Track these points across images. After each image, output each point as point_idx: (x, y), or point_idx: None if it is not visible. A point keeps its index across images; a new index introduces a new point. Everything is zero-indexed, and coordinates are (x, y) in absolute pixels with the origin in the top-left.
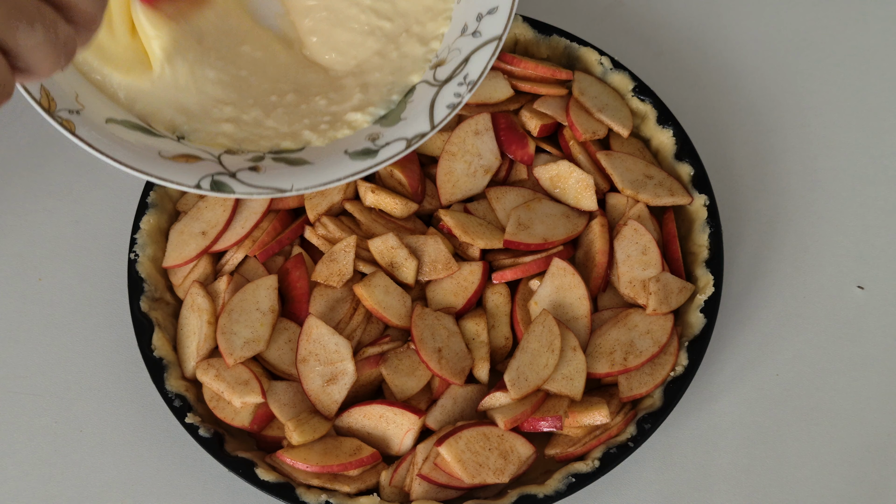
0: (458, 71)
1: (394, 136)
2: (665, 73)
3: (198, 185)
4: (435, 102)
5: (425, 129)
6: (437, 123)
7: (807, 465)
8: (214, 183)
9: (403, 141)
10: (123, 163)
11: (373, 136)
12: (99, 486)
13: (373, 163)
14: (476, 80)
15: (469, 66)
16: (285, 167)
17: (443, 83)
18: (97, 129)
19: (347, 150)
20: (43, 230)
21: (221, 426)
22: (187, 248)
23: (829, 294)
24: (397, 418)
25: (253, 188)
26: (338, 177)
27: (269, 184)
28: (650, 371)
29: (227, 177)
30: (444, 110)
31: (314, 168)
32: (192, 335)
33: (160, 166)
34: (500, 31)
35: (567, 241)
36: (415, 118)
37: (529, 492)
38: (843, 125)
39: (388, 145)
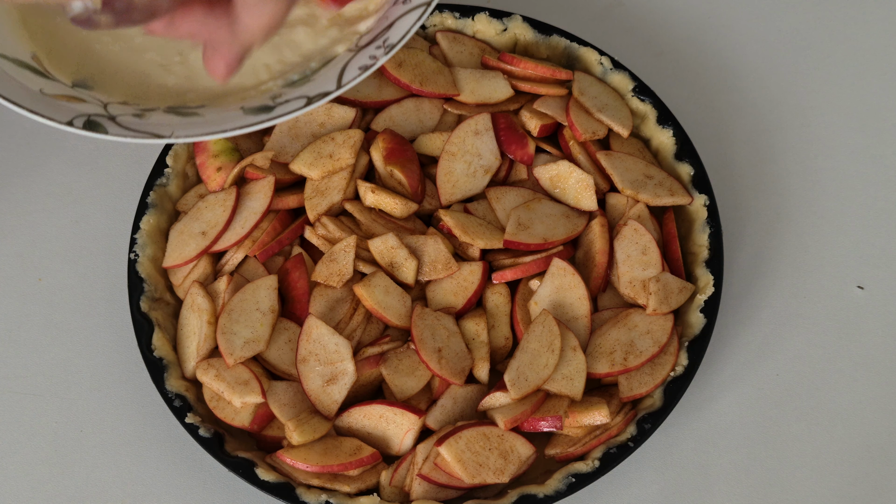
0: (380, 36)
1: (295, 95)
2: (665, 73)
3: (70, 122)
4: (348, 65)
5: (331, 88)
6: (345, 84)
7: (807, 465)
8: (89, 122)
9: (304, 98)
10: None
11: (274, 96)
12: (99, 486)
13: (266, 117)
14: (395, 44)
15: (392, 30)
16: (174, 118)
17: (362, 48)
18: None
19: (244, 106)
20: (43, 230)
21: (221, 426)
22: (187, 248)
23: (829, 294)
24: (397, 418)
25: (128, 131)
26: (224, 128)
27: (148, 129)
28: (650, 371)
29: (105, 119)
30: (354, 71)
31: (203, 120)
32: (192, 335)
33: (36, 101)
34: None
35: (567, 241)
36: (322, 79)
37: (529, 492)
38: (843, 125)
39: (286, 103)
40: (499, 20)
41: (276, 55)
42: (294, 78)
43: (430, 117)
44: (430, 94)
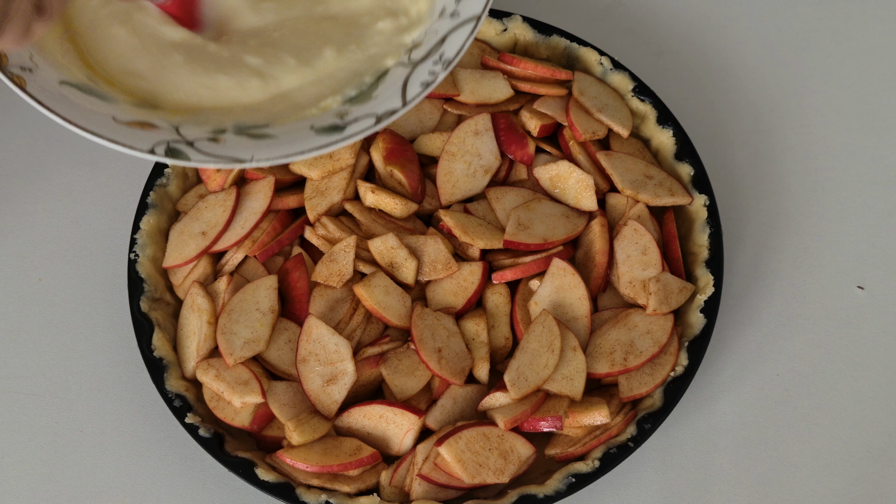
0: (434, 51)
1: (363, 113)
2: (665, 73)
3: (152, 150)
4: (408, 81)
5: (397, 105)
6: (410, 100)
7: (807, 465)
8: (170, 150)
9: (373, 117)
10: (75, 123)
11: (341, 114)
12: (99, 486)
13: (339, 137)
14: (452, 59)
15: (445, 45)
16: (247, 140)
17: (417, 63)
18: (49, 88)
19: (313, 125)
20: (43, 230)
21: (221, 426)
22: (187, 249)
23: (829, 294)
24: (397, 418)
25: (210, 157)
26: (301, 150)
27: (228, 153)
28: (650, 371)
29: (184, 145)
30: (417, 88)
31: (277, 142)
32: (192, 335)
33: (113, 130)
34: (479, 10)
35: (567, 241)
36: (386, 96)
37: (529, 492)
38: (843, 125)
39: (356, 121)
40: (499, 20)
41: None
42: (351, 94)
43: (430, 117)
44: (430, 94)
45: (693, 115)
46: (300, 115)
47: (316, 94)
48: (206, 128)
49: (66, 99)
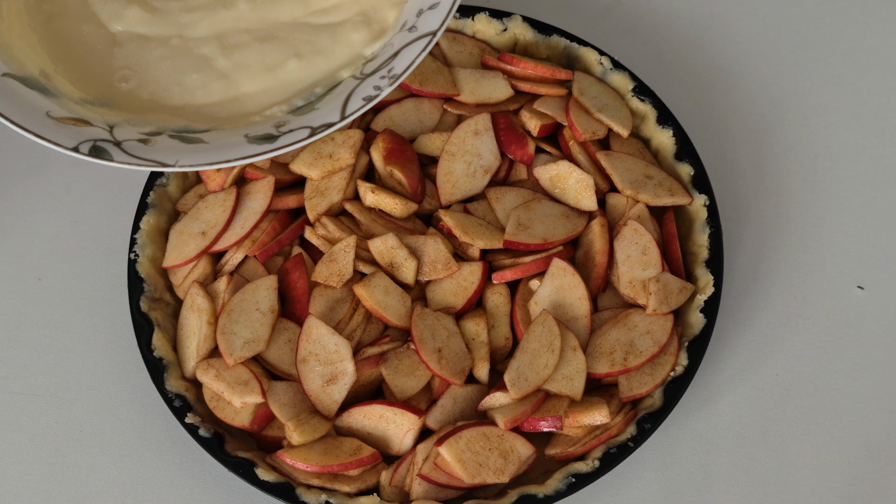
0: (385, 65)
1: (299, 125)
2: (665, 73)
3: (76, 148)
4: (352, 94)
5: (334, 119)
6: (348, 115)
7: (806, 465)
8: (94, 148)
9: (307, 129)
10: (9, 118)
11: (279, 124)
12: (99, 486)
13: (269, 147)
14: (400, 75)
15: (396, 60)
16: (178, 144)
17: (367, 76)
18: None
19: (248, 134)
20: (43, 230)
21: (221, 426)
22: (187, 249)
23: (829, 294)
24: (397, 418)
25: (134, 159)
26: (227, 158)
27: (154, 157)
28: (650, 371)
29: (111, 145)
30: (358, 102)
31: (207, 148)
32: (191, 335)
33: (43, 125)
34: (436, 26)
35: (567, 241)
36: (327, 109)
37: (529, 492)
38: (843, 125)
39: (290, 132)
40: (499, 20)
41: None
42: (299, 104)
43: (430, 117)
44: (430, 94)
45: (693, 115)
46: (243, 122)
47: (266, 103)
48: (145, 129)
49: (4, 91)
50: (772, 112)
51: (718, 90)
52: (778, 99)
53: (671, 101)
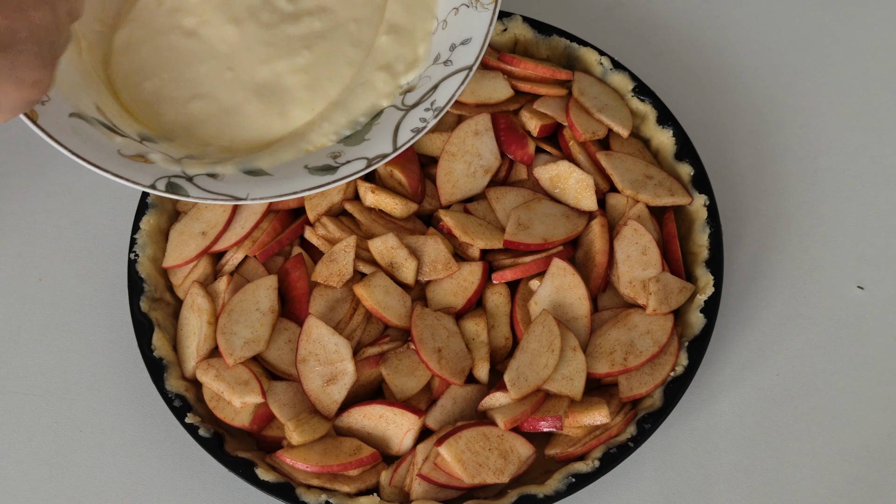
0: (427, 97)
1: (355, 156)
2: (665, 73)
3: (153, 185)
4: (400, 125)
5: (387, 150)
6: (400, 146)
7: (807, 465)
8: (170, 185)
9: (364, 160)
10: (81, 156)
11: (335, 154)
12: (99, 486)
13: (331, 179)
14: (443, 108)
15: (437, 93)
16: (244, 177)
17: (410, 108)
18: (59, 121)
19: (308, 164)
20: (43, 230)
21: (221, 426)
22: (187, 249)
23: (829, 294)
24: (397, 418)
25: (208, 193)
26: (294, 190)
27: (226, 191)
28: (650, 371)
29: (184, 180)
30: (407, 133)
31: (273, 180)
32: (192, 335)
33: (118, 164)
34: (472, 61)
35: (567, 241)
36: (378, 139)
37: (529, 492)
38: (843, 125)
39: (348, 163)
40: (499, 20)
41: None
42: (346, 133)
43: None
44: None
45: (693, 115)
46: (297, 152)
47: (316, 133)
48: (206, 162)
49: (75, 131)
50: (772, 112)
51: (718, 90)
52: (778, 99)
53: (671, 101)
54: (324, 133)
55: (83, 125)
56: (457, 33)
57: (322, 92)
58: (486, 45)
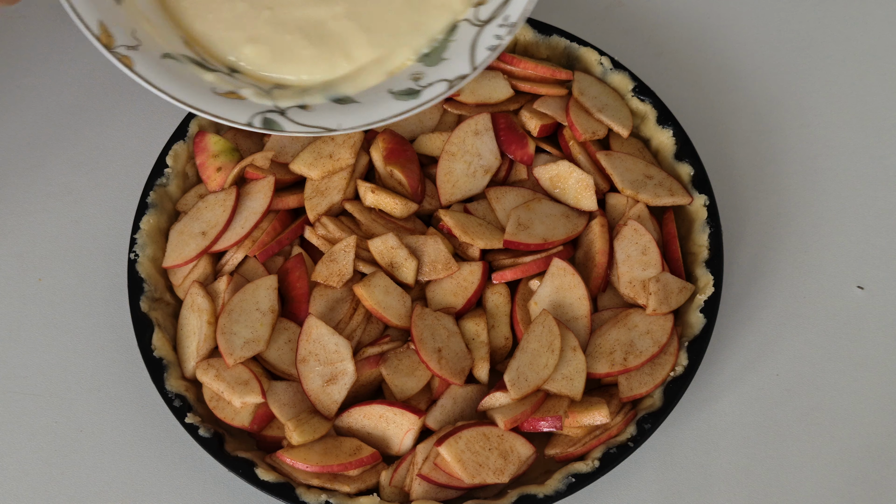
0: (499, 11)
1: (436, 77)
2: (665, 73)
3: (249, 122)
4: (476, 43)
5: (466, 70)
6: (478, 65)
7: (807, 465)
8: (266, 120)
9: (445, 82)
10: (179, 99)
11: (416, 76)
12: (99, 486)
13: (416, 103)
14: (516, 22)
15: (510, 7)
16: (332, 105)
17: (484, 23)
18: (154, 64)
19: (391, 89)
20: (43, 230)
21: (221, 426)
22: (187, 249)
23: (829, 294)
24: (397, 418)
25: (301, 126)
26: (383, 117)
27: (317, 122)
28: (650, 371)
29: (278, 115)
30: (484, 52)
31: (360, 107)
32: (192, 335)
33: (214, 102)
34: None
35: (567, 241)
36: (456, 58)
37: (529, 492)
38: (843, 125)
39: (430, 86)
40: None
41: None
42: (425, 51)
43: (430, 117)
44: None
45: (693, 115)
46: (379, 76)
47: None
48: (295, 91)
49: (169, 73)
50: (772, 112)
51: (718, 90)
52: (778, 99)
53: (671, 101)
54: (403, 54)
55: (175, 66)
56: None
57: (381, 31)
58: None
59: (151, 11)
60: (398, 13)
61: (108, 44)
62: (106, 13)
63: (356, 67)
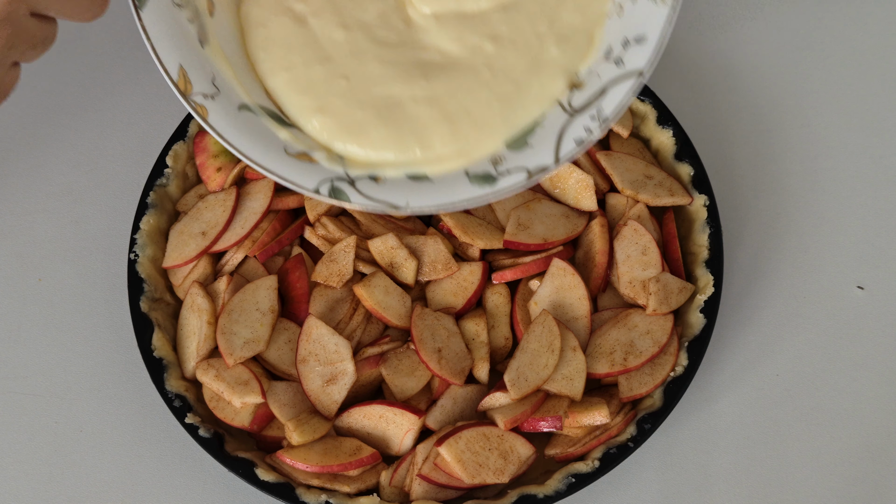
0: (593, 102)
1: (516, 164)
2: (665, 73)
3: (316, 189)
4: (564, 133)
5: (548, 162)
6: (562, 158)
7: (807, 465)
8: (333, 189)
9: (525, 172)
10: (251, 158)
11: (496, 160)
12: (99, 486)
13: (490, 191)
14: (609, 118)
15: (605, 99)
16: (405, 181)
17: (576, 112)
18: (230, 117)
19: (468, 170)
20: (43, 230)
21: (221, 426)
22: (187, 249)
23: (829, 294)
24: (397, 418)
25: (368, 201)
26: (453, 201)
27: (386, 198)
28: (650, 371)
29: (347, 184)
30: (570, 144)
31: (432, 187)
32: (192, 335)
33: (285, 164)
34: (643, 65)
35: (567, 241)
36: (540, 147)
37: (529, 492)
38: (843, 125)
39: (509, 174)
40: None
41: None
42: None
43: None
44: None
45: (693, 115)
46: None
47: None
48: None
49: (243, 127)
50: (772, 112)
51: (718, 90)
52: (778, 99)
53: (671, 102)
54: (487, 147)
55: (251, 119)
56: (632, 26)
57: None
58: (662, 49)
59: (236, 56)
60: (488, 105)
61: (186, 90)
62: (188, 56)
63: (432, 156)
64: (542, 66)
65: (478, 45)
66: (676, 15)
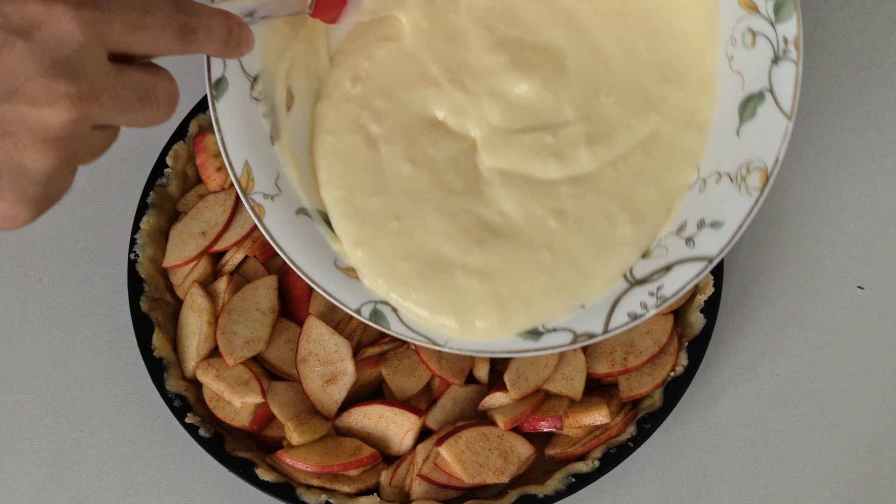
0: (655, 277)
1: (563, 324)
2: None
3: (358, 310)
4: (618, 303)
5: (597, 330)
6: (611, 329)
7: (807, 465)
8: (375, 312)
9: (570, 335)
10: (300, 267)
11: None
12: (99, 486)
13: (531, 347)
14: (668, 298)
15: (668, 277)
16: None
17: (635, 283)
18: (286, 221)
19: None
20: (43, 230)
21: (221, 426)
22: (187, 249)
23: (829, 294)
24: (397, 418)
25: (409, 332)
26: (494, 349)
27: (427, 333)
28: (650, 371)
29: (390, 310)
30: (623, 317)
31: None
32: (192, 335)
33: (332, 279)
34: (715, 252)
35: None
36: (592, 311)
37: (529, 492)
38: (843, 125)
39: (554, 332)
40: None
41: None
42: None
43: None
44: None
45: None
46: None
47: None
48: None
49: (297, 234)
50: None
51: None
52: None
53: None
54: (533, 322)
55: (307, 225)
56: (711, 208)
57: (516, 306)
58: (736, 239)
59: (303, 152)
60: (545, 293)
61: (247, 188)
62: (256, 153)
63: (468, 330)
64: (611, 246)
65: (541, 217)
66: (759, 207)
